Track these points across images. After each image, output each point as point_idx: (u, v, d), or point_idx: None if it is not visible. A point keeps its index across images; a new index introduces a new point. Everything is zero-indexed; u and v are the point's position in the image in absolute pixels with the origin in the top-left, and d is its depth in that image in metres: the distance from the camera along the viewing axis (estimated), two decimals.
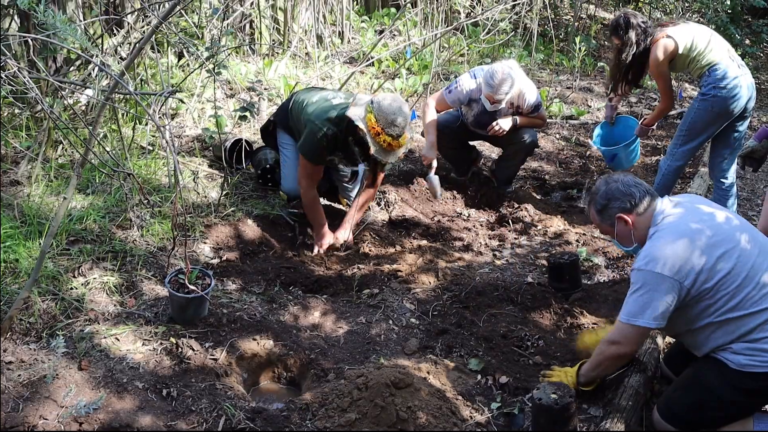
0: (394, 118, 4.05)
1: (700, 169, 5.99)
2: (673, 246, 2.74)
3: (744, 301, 2.71)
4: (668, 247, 2.75)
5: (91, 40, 4.86)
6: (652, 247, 2.80)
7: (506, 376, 3.30)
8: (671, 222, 2.84)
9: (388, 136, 4.07)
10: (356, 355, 3.45)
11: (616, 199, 2.93)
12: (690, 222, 2.82)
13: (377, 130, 4.07)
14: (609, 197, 2.95)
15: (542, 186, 5.91)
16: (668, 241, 2.77)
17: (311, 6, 7.67)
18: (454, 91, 5.19)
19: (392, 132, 4.07)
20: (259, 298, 3.84)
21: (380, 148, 4.12)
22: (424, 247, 4.66)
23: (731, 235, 2.78)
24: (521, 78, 5.06)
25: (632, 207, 2.91)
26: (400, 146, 4.17)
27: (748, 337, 2.72)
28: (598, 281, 4.33)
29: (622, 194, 2.93)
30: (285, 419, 2.88)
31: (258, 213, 4.61)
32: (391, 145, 4.11)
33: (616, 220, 2.96)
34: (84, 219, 3.98)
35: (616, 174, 3.04)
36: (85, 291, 3.48)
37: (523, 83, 5.11)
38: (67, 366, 2.98)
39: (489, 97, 4.94)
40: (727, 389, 2.79)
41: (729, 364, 2.77)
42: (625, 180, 2.96)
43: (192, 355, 3.18)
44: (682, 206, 2.92)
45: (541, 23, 7.84)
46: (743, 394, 2.79)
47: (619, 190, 2.93)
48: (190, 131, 5.47)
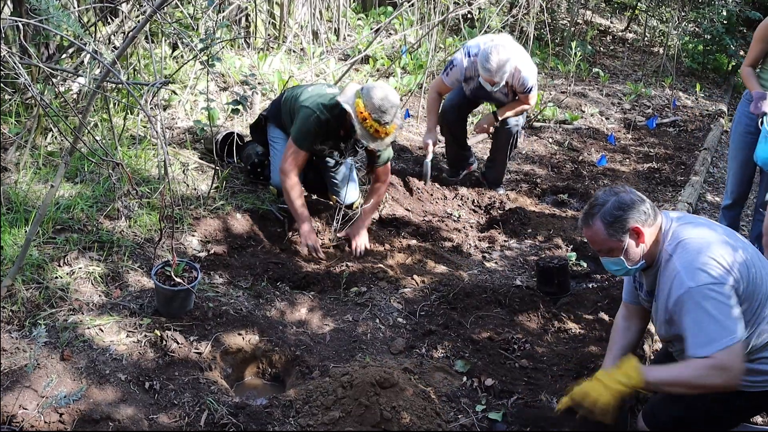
0: (381, 104, 4.05)
1: (692, 178, 6.00)
2: (709, 253, 2.57)
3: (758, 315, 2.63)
4: (704, 256, 2.57)
5: (84, 28, 4.81)
6: (687, 260, 2.60)
7: (492, 379, 3.29)
8: (688, 233, 2.69)
9: (374, 122, 4.07)
10: (342, 353, 3.43)
11: (631, 209, 2.68)
12: (701, 228, 2.72)
13: (364, 115, 4.07)
14: (623, 207, 2.69)
15: (533, 189, 5.91)
16: (701, 250, 2.60)
17: (308, 2, 7.64)
18: (451, 73, 5.26)
19: (379, 118, 4.06)
20: (246, 292, 3.82)
21: (366, 133, 4.12)
22: (414, 247, 4.64)
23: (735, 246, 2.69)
24: (516, 55, 5.01)
25: (646, 218, 2.69)
26: (387, 134, 4.15)
27: (748, 357, 2.62)
28: (586, 286, 4.32)
29: (636, 204, 2.69)
30: (268, 415, 2.86)
31: (247, 207, 4.58)
32: (378, 131, 4.10)
33: (630, 232, 2.69)
34: (71, 208, 3.94)
35: (615, 187, 2.82)
36: (70, 280, 3.44)
37: (519, 60, 5.05)
38: (49, 356, 2.95)
39: (488, 80, 4.97)
40: (714, 405, 2.76)
41: None
42: (632, 190, 2.76)
43: (176, 348, 3.16)
44: (685, 220, 2.80)
45: (538, 27, 7.83)
46: (731, 413, 2.78)
47: (633, 200, 2.70)
48: (182, 123, 5.43)
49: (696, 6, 10.76)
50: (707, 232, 2.68)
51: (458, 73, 5.21)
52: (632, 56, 11.00)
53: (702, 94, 9.30)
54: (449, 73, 5.26)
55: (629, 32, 12.34)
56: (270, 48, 7.34)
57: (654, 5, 11.74)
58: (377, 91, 4.09)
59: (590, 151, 6.86)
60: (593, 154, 6.77)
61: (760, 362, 2.66)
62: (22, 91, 4.66)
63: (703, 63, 10.31)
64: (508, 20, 7.89)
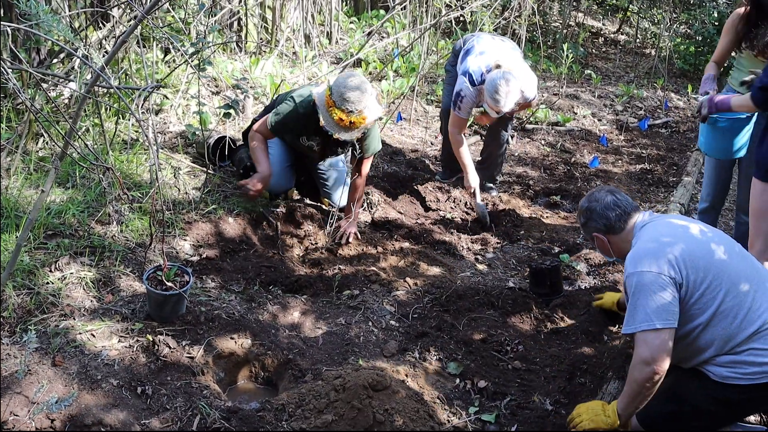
0: (344, 92, 4.06)
1: (684, 179, 6.01)
2: (655, 244, 2.80)
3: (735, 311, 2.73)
4: (649, 246, 2.81)
5: (75, 33, 4.80)
6: (635, 251, 2.85)
7: (485, 381, 3.29)
8: (648, 231, 2.91)
9: (338, 110, 4.07)
10: (334, 356, 3.42)
11: (592, 220, 3.07)
12: (666, 226, 2.90)
13: (330, 103, 4.10)
14: (587, 217, 3.09)
15: (526, 191, 5.91)
16: (649, 241, 2.83)
17: (300, 5, 7.65)
18: (462, 105, 5.14)
19: (343, 106, 4.07)
20: (238, 296, 3.81)
21: (330, 120, 4.13)
22: (406, 250, 4.64)
23: (707, 245, 2.82)
24: (521, 78, 4.93)
25: (607, 229, 3.04)
26: (354, 124, 4.12)
27: (734, 350, 2.72)
28: (579, 287, 4.33)
29: (598, 216, 3.04)
30: (260, 419, 2.85)
31: (239, 211, 4.57)
32: (342, 120, 4.09)
33: (593, 236, 3.11)
34: (63, 213, 3.93)
35: (600, 192, 3.11)
36: (62, 286, 3.43)
37: (523, 82, 4.96)
38: (40, 361, 2.94)
39: (494, 109, 4.91)
40: (706, 400, 2.79)
41: (710, 376, 2.77)
42: (606, 201, 3.04)
43: (168, 353, 3.15)
44: (657, 218, 3.01)
45: (530, 29, 7.85)
46: (722, 406, 2.79)
47: (596, 212, 3.05)
48: (174, 127, 5.42)
49: (687, 8, 10.81)
50: (665, 228, 2.88)
51: (469, 103, 5.11)
52: (624, 58, 11.03)
53: (694, 95, 9.32)
54: (461, 106, 5.14)
55: (621, 34, 12.38)
56: (262, 52, 7.34)
57: (646, 7, 11.78)
58: (345, 80, 4.11)
59: (582, 152, 6.87)
60: (585, 155, 6.79)
61: (747, 353, 2.70)
62: (13, 97, 4.65)
63: (694, 64, 10.34)
64: (500, 23, 7.91)
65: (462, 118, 5.25)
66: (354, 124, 4.12)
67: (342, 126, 4.12)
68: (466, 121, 5.36)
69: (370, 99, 4.14)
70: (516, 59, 5.11)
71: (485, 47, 5.15)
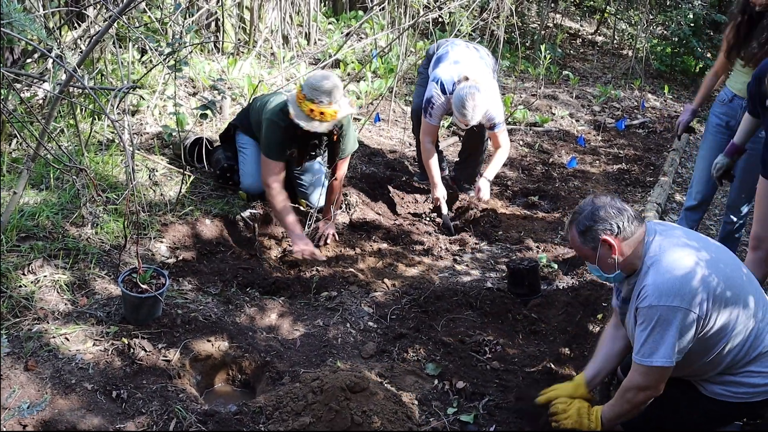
0: (314, 84, 4.10)
1: (661, 179, 6.06)
2: (683, 277, 2.58)
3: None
4: (677, 279, 2.58)
5: (49, 33, 4.75)
6: (664, 279, 2.61)
7: (463, 381, 3.28)
8: (670, 252, 2.68)
9: (308, 101, 4.10)
10: (312, 358, 3.41)
11: (602, 221, 2.68)
12: (687, 249, 2.69)
13: (300, 97, 4.13)
14: (595, 218, 2.69)
15: (504, 192, 5.93)
16: (674, 272, 2.60)
17: (278, 6, 7.62)
18: (433, 112, 5.15)
19: (312, 97, 4.09)
20: (215, 298, 3.78)
21: (299, 112, 4.14)
22: (384, 251, 4.63)
23: (731, 280, 2.67)
24: (489, 97, 4.97)
25: (619, 230, 2.67)
26: (324, 115, 4.13)
27: (732, 371, 2.69)
28: (557, 287, 4.34)
29: (609, 216, 2.68)
30: (238, 422, 2.83)
31: (217, 212, 4.54)
32: (313, 110, 4.11)
33: (600, 244, 2.70)
34: (36, 215, 3.88)
35: (598, 197, 2.81)
36: (35, 289, 3.38)
37: (490, 101, 5.00)
38: (12, 366, 2.89)
39: (462, 122, 4.97)
40: (692, 412, 2.79)
41: (701, 390, 2.77)
42: (612, 202, 2.74)
43: (144, 356, 3.11)
44: (669, 235, 2.77)
45: (508, 30, 7.87)
46: (707, 419, 2.80)
47: (607, 212, 2.69)
48: (151, 128, 5.37)
49: (663, 9, 10.90)
50: (689, 255, 2.65)
51: (440, 110, 5.13)
52: (602, 59, 11.10)
53: (670, 95, 9.40)
54: (431, 113, 5.15)
55: (599, 35, 12.46)
56: (240, 53, 7.30)
57: (623, 9, 11.87)
58: (316, 75, 4.18)
59: (560, 153, 6.90)
60: (563, 156, 6.82)
61: (743, 375, 2.68)
62: None
63: (671, 65, 10.43)
64: (478, 24, 7.92)
65: (433, 125, 5.27)
66: (324, 115, 4.12)
67: (312, 117, 4.12)
68: (437, 128, 5.38)
69: (340, 93, 4.17)
70: (485, 75, 5.14)
71: (459, 56, 5.17)
